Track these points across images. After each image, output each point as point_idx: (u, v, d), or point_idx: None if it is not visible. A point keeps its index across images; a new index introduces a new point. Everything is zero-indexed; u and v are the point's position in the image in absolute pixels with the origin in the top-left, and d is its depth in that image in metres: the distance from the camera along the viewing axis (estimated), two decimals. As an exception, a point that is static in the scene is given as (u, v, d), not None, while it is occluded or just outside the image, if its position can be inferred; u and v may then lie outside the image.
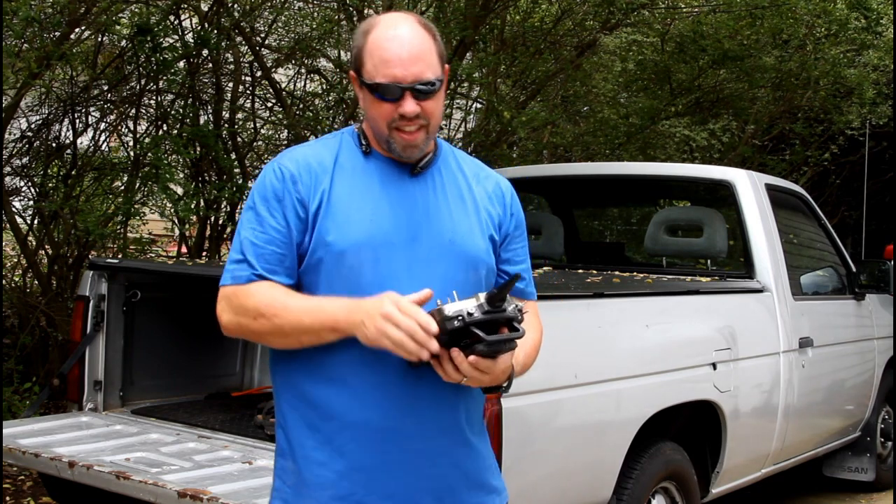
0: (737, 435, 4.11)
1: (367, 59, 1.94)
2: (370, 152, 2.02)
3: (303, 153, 2.02)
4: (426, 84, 1.92)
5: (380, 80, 1.92)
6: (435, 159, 2.05)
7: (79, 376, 3.92)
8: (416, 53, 1.92)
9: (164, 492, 2.95)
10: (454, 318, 1.76)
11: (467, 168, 2.11)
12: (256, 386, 4.68)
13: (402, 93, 1.91)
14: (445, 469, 1.97)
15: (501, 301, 1.77)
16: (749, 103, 9.58)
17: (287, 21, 7.71)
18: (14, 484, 4.96)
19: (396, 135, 1.95)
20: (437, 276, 1.94)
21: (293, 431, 1.97)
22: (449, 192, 2.04)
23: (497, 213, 2.08)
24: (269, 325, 1.89)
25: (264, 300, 1.89)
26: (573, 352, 3.33)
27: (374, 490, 1.92)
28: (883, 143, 10.78)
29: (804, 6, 7.96)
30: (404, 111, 1.91)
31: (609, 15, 8.02)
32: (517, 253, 2.13)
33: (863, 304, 5.58)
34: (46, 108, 6.62)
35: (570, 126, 9.81)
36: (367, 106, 1.98)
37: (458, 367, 1.80)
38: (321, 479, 1.93)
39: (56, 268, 6.27)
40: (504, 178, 2.18)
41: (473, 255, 2.00)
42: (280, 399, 2.01)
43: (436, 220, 1.99)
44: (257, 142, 7.80)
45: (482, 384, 1.88)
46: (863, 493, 5.81)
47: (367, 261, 1.92)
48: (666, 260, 5.44)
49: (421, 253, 1.95)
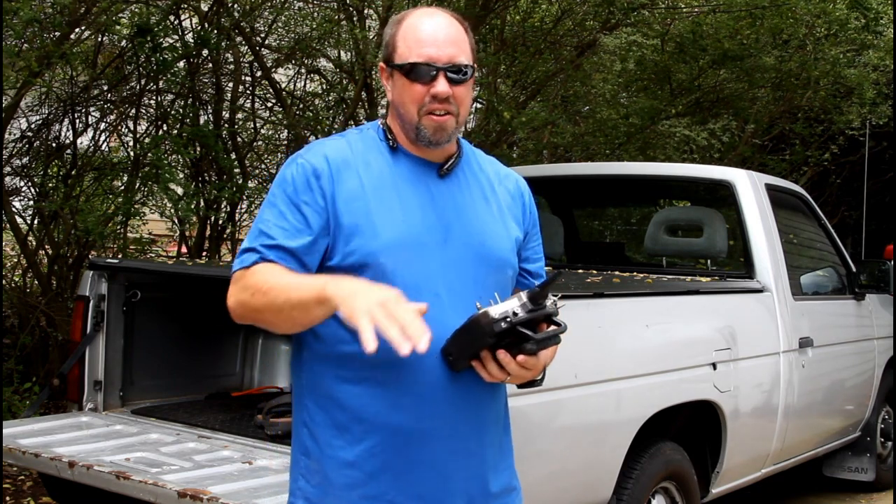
0: (737, 435, 4.11)
1: (400, 42, 1.94)
2: (397, 148, 1.99)
3: (328, 148, 1.98)
4: (458, 68, 1.92)
5: (415, 59, 1.91)
6: (459, 160, 2.04)
7: (79, 376, 3.92)
8: (450, 38, 1.93)
9: (164, 492, 2.95)
10: (501, 320, 1.78)
11: (488, 167, 2.11)
12: (256, 386, 4.68)
13: (436, 73, 1.90)
14: (477, 470, 1.97)
15: (544, 299, 1.80)
16: (749, 103, 9.57)
17: (287, 21, 7.71)
18: (14, 484, 4.96)
19: (427, 119, 1.93)
20: (469, 278, 1.94)
21: (320, 431, 1.94)
22: (475, 193, 2.03)
23: (518, 212, 2.09)
24: (264, 300, 1.83)
25: (263, 276, 1.86)
26: (573, 352, 3.31)
27: (404, 490, 1.91)
28: (883, 143, 10.77)
29: (804, 6, 7.96)
30: (437, 91, 1.90)
31: (609, 15, 8.02)
32: (535, 250, 2.14)
33: (863, 304, 5.58)
34: (46, 108, 6.62)
35: (570, 126, 9.80)
36: (397, 92, 1.96)
37: (506, 366, 1.82)
38: (350, 479, 1.91)
39: (56, 268, 6.27)
40: (520, 176, 2.17)
41: (502, 257, 2.01)
42: (305, 399, 1.98)
43: (465, 222, 1.98)
44: (257, 142, 7.81)
45: (524, 380, 1.90)
46: (863, 493, 5.81)
47: (401, 262, 1.89)
48: (666, 260, 5.44)
49: (453, 255, 1.94)
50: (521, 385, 1.95)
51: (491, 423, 2.00)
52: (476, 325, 1.81)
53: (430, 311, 1.81)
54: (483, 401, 1.96)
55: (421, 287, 1.87)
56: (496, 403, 2.01)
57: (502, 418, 2.05)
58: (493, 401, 2.00)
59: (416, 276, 1.89)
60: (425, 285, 1.88)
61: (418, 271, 1.90)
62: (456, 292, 1.91)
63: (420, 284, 1.88)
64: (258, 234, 1.92)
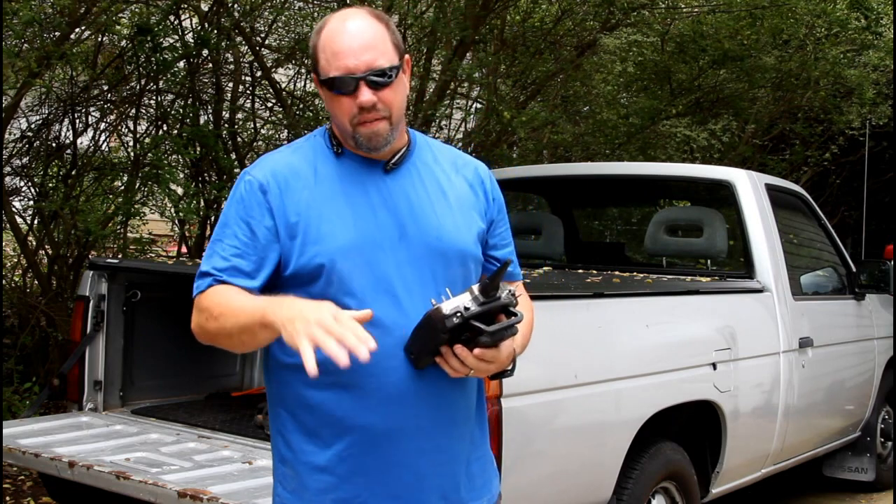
0: (737, 435, 4.11)
1: (320, 55, 1.92)
2: (342, 153, 1.98)
3: (275, 161, 1.98)
4: (380, 73, 1.89)
5: (333, 73, 1.89)
6: (409, 154, 2.01)
7: (79, 376, 3.92)
8: (367, 43, 1.90)
9: (164, 492, 2.95)
10: (452, 316, 1.77)
11: (444, 158, 2.07)
12: (256, 386, 4.68)
13: (357, 84, 1.88)
14: (450, 466, 1.97)
15: (495, 290, 1.79)
16: (749, 103, 9.58)
17: (287, 21, 7.71)
18: (14, 484, 4.96)
19: (360, 128, 1.91)
20: (427, 275, 1.93)
21: (293, 438, 1.95)
22: (429, 186, 2.00)
23: (480, 201, 2.06)
24: (216, 326, 1.86)
25: (216, 300, 1.88)
26: (573, 352, 3.33)
27: (377, 492, 1.91)
28: (883, 143, 10.77)
29: (804, 6, 7.97)
30: (361, 102, 1.88)
31: (609, 15, 8.03)
32: (502, 237, 2.11)
33: (863, 304, 5.58)
34: (46, 108, 6.62)
35: (570, 126, 9.81)
36: (328, 105, 1.96)
37: (464, 361, 1.82)
38: (324, 483, 1.92)
39: (56, 268, 6.27)
40: (480, 162, 2.15)
41: (461, 250, 1.98)
42: (277, 406, 1.99)
43: (420, 218, 1.96)
44: (257, 142, 7.80)
45: (489, 373, 1.90)
46: (863, 493, 5.81)
47: (357, 265, 1.89)
48: (666, 260, 5.44)
49: (409, 252, 1.93)
50: (492, 377, 1.95)
51: (461, 418, 1.99)
52: (430, 321, 1.81)
53: (389, 312, 1.87)
54: (451, 396, 1.96)
55: (378, 288, 1.88)
56: (465, 398, 2.00)
57: (474, 412, 2.04)
58: (462, 396, 1.99)
59: (372, 278, 1.89)
60: (382, 286, 1.88)
61: (374, 273, 1.89)
62: (413, 290, 1.91)
63: (377, 286, 1.88)
64: (211, 255, 1.94)
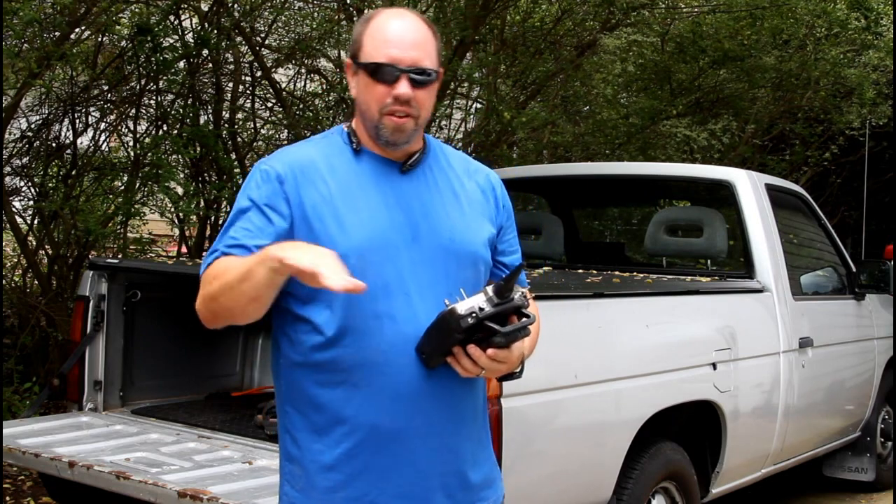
0: (737, 435, 4.11)
1: (367, 40, 1.95)
2: (360, 150, 2.00)
3: (292, 154, 2.01)
4: (422, 71, 1.93)
5: (379, 59, 1.92)
6: (425, 157, 2.04)
7: (79, 376, 3.92)
8: (417, 41, 1.94)
9: (164, 492, 2.95)
10: (468, 316, 1.80)
11: (456, 163, 2.11)
12: (256, 386, 4.68)
13: (399, 75, 1.91)
14: (456, 465, 1.98)
15: (509, 292, 1.81)
16: (749, 103, 9.58)
17: (287, 21, 7.71)
18: (14, 484, 4.96)
19: (387, 119, 1.94)
20: (440, 275, 1.95)
21: (301, 436, 1.97)
22: (443, 189, 2.04)
23: (491, 207, 2.09)
24: (219, 284, 1.84)
25: (221, 266, 1.87)
26: (573, 352, 3.33)
27: (385, 490, 1.92)
28: (883, 143, 10.78)
29: (804, 6, 7.97)
30: (398, 93, 1.91)
31: (609, 15, 8.03)
32: (510, 243, 2.14)
33: (863, 304, 5.58)
34: (46, 108, 6.62)
35: (570, 126, 9.82)
36: (360, 91, 1.98)
37: (477, 361, 1.83)
38: (332, 482, 1.93)
39: (56, 268, 6.27)
40: (490, 169, 2.18)
41: (472, 253, 2.01)
42: (286, 404, 2.01)
43: (434, 219, 1.99)
44: (257, 142, 7.81)
45: (499, 374, 1.91)
46: (863, 493, 5.81)
47: (370, 263, 1.90)
48: (666, 260, 5.44)
49: (422, 253, 1.95)
50: (500, 378, 1.97)
51: (469, 418, 2.01)
52: (444, 321, 1.83)
53: (402, 310, 1.90)
54: (460, 396, 1.97)
55: (391, 287, 1.89)
56: (473, 398, 2.02)
57: (480, 412, 2.06)
58: (471, 396, 2.01)
59: (386, 277, 1.90)
60: (395, 285, 1.90)
61: (388, 272, 1.91)
62: (426, 290, 1.92)
63: (390, 285, 1.90)
64: (222, 237, 1.94)
